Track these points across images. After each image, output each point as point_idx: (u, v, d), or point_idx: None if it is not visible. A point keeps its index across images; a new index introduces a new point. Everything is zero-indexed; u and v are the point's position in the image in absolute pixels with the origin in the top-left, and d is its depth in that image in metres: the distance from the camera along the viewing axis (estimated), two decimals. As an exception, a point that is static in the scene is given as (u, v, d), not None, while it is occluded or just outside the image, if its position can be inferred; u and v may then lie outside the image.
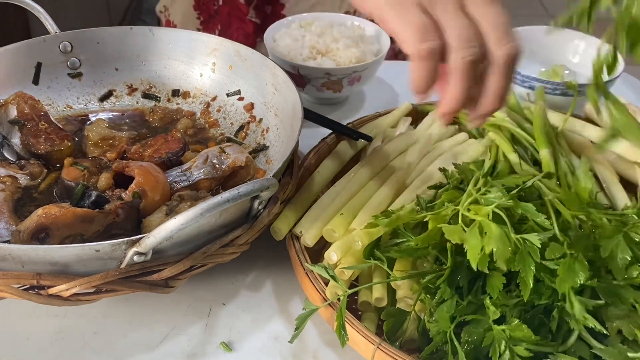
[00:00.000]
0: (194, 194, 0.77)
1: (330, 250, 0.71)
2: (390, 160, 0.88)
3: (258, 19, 1.29)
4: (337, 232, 0.73)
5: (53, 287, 0.63)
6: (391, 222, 0.69)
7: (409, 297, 0.68)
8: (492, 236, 0.60)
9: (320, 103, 1.14)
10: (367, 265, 0.70)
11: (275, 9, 1.25)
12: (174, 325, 0.74)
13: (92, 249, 0.61)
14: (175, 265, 0.66)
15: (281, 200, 0.76)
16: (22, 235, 0.68)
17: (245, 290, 0.79)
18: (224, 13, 1.30)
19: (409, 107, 1.00)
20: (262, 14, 1.28)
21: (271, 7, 1.25)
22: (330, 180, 0.87)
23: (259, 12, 1.28)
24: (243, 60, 0.96)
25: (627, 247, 0.61)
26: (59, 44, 0.96)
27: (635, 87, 1.22)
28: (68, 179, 0.78)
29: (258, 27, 1.30)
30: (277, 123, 0.91)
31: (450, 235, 0.62)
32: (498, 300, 0.61)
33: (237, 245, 0.71)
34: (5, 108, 0.87)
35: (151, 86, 1.01)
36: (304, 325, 0.67)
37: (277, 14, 1.27)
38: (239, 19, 1.30)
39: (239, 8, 1.29)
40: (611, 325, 0.62)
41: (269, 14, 1.27)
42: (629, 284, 0.61)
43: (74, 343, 0.72)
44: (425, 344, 0.65)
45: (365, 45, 1.11)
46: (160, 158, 0.83)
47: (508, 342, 0.59)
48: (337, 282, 0.67)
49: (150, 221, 0.73)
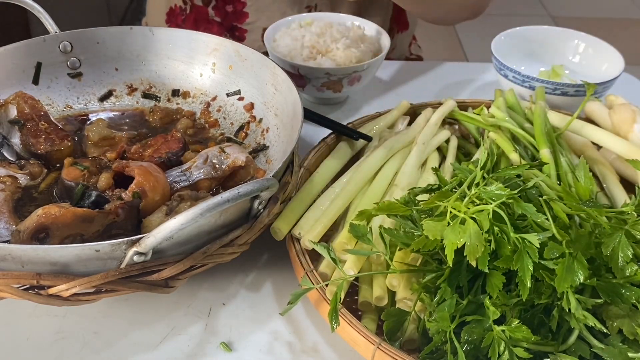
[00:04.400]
0: (194, 194, 0.77)
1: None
2: (387, 159, 0.88)
3: (218, 17, 1.32)
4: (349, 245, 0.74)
5: (53, 287, 0.63)
6: (382, 209, 0.69)
7: (408, 299, 0.68)
8: (467, 230, 0.60)
9: (320, 103, 1.14)
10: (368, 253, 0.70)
11: (236, 7, 1.28)
12: (174, 325, 0.74)
13: (92, 249, 0.61)
14: (175, 265, 0.66)
15: (281, 200, 0.76)
16: (22, 235, 0.68)
17: (245, 290, 0.79)
18: (191, 20, 1.35)
19: (407, 106, 1.00)
20: (222, 12, 1.32)
21: (232, 6, 1.28)
22: (330, 180, 0.87)
23: (219, 11, 1.31)
24: (243, 60, 0.96)
25: (628, 245, 0.61)
26: (59, 44, 0.96)
27: (635, 87, 1.22)
28: (68, 179, 0.78)
29: (220, 25, 1.34)
30: (277, 123, 0.91)
31: (429, 231, 0.62)
32: (498, 300, 0.61)
33: (237, 245, 0.71)
34: (5, 108, 0.87)
35: (151, 86, 1.01)
36: (297, 302, 0.67)
37: (238, 11, 1.29)
38: (205, 21, 1.34)
39: (201, 11, 1.33)
40: (611, 325, 0.62)
41: (230, 12, 1.29)
42: (630, 282, 0.61)
43: (74, 343, 0.72)
44: (425, 344, 0.65)
45: (365, 45, 1.11)
46: (160, 158, 0.83)
47: (508, 342, 0.59)
48: (337, 265, 0.68)
49: (150, 221, 0.73)
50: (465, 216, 0.62)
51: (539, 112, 0.92)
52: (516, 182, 0.69)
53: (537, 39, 1.20)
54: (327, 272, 0.74)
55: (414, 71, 1.26)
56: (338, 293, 0.66)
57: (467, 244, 0.60)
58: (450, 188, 0.70)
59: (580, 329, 0.61)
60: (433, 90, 1.20)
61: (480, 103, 1.01)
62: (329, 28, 1.12)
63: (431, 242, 0.64)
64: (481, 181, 0.67)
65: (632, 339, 0.61)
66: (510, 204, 0.64)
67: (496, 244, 0.61)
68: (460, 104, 1.01)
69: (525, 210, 0.63)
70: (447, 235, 0.61)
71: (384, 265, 0.72)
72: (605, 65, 1.14)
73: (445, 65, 1.28)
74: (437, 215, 0.66)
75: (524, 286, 0.59)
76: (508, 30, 1.19)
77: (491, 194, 0.63)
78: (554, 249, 0.60)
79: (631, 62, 1.26)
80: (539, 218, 0.63)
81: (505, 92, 1.02)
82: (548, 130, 0.89)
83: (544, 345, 0.62)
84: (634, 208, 0.65)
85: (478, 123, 0.95)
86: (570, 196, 0.67)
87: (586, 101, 0.94)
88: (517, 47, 1.18)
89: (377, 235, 0.71)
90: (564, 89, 1.05)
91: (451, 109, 0.99)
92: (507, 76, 1.10)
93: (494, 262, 0.61)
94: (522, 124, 0.93)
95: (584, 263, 0.60)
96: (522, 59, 1.17)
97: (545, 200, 0.65)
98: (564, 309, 0.60)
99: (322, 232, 0.76)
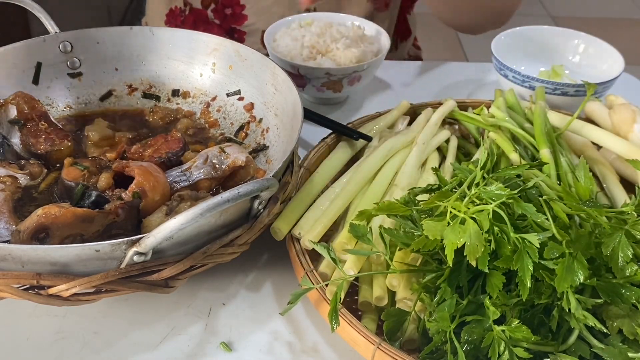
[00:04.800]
0: (194, 194, 0.77)
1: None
2: (387, 159, 0.88)
3: (217, 20, 1.33)
4: (349, 245, 0.74)
5: (53, 287, 0.63)
6: (382, 209, 0.69)
7: (408, 299, 0.68)
8: (467, 230, 0.60)
9: (320, 103, 1.14)
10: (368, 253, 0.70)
11: (235, 10, 1.29)
12: (174, 325, 0.74)
13: (92, 248, 0.61)
14: (175, 265, 0.66)
15: (281, 200, 0.76)
16: (22, 235, 0.68)
17: (245, 290, 0.79)
18: (190, 22, 1.36)
19: (407, 106, 1.00)
20: (221, 15, 1.33)
21: (231, 9, 1.29)
22: (330, 180, 0.87)
23: (218, 14, 1.32)
24: (243, 60, 0.96)
25: (628, 245, 0.61)
26: (59, 44, 0.96)
27: (635, 87, 1.22)
28: (68, 179, 0.78)
29: (219, 28, 1.35)
30: (277, 123, 0.91)
31: (429, 231, 0.62)
32: (498, 300, 0.61)
33: (237, 245, 0.71)
34: (5, 108, 0.87)
35: (151, 86, 1.01)
36: (297, 302, 0.67)
37: (237, 14, 1.30)
38: (204, 23, 1.35)
39: (201, 13, 1.35)
40: (612, 324, 0.62)
41: (229, 14, 1.30)
42: (630, 282, 0.61)
43: (74, 343, 0.72)
44: (425, 344, 0.65)
45: (365, 45, 1.11)
46: (160, 158, 0.83)
47: (508, 342, 0.59)
48: (337, 265, 0.68)
49: (150, 221, 0.73)
50: (465, 216, 0.62)
51: (539, 112, 0.92)
52: (516, 182, 0.69)
53: (537, 39, 1.20)
54: (327, 272, 0.74)
55: (414, 71, 1.26)
56: (338, 293, 0.66)
57: (467, 244, 0.60)
58: (450, 188, 0.70)
59: (580, 329, 0.61)
60: (433, 90, 1.20)
61: (480, 103, 1.01)
62: (329, 28, 1.12)
63: (431, 242, 0.64)
64: (481, 181, 0.67)
65: (632, 339, 0.61)
66: (510, 204, 0.64)
67: (496, 244, 0.61)
68: (460, 104, 1.01)
69: (525, 210, 0.63)
70: (447, 235, 0.61)
71: (384, 265, 0.72)
72: (605, 65, 1.14)
73: (445, 65, 1.28)
74: (437, 215, 0.66)
75: (524, 286, 0.59)
76: (508, 30, 1.19)
77: (491, 194, 0.63)
78: (554, 249, 0.60)
79: (631, 62, 1.26)
80: (539, 218, 0.63)
81: (505, 92, 1.02)
82: (548, 130, 0.89)
83: (544, 345, 0.62)
84: (634, 208, 0.65)
85: (478, 123, 0.95)
86: (570, 196, 0.67)
87: (586, 101, 0.94)
88: (517, 47, 1.18)
89: (377, 235, 0.71)
90: (564, 89, 1.05)
91: (451, 109, 0.99)
92: (507, 76, 1.09)
93: (494, 262, 0.61)
94: (522, 124, 0.93)
95: (584, 263, 0.60)
96: (522, 59, 1.17)
97: (545, 200, 0.65)
98: (564, 309, 0.60)
99: (322, 232, 0.76)
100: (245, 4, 1.30)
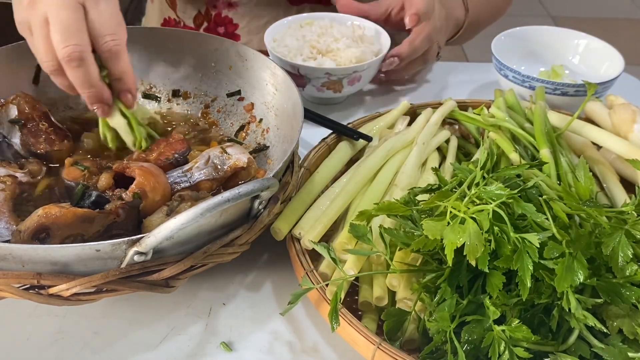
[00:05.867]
0: (194, 194, 0.77)
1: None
2: (387, 160, 0.88)
3: None
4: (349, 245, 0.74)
5: (53, 286, 0.63)
6: (382, 209, 0.69)
7: (409, 299, 0.68)
8: (467, 230, 0.60)
9: (320, 103, 1.14)
10: (368, 253, 0.70)
11: (228, 29, 1.29)
12: (174, 325, 0.74)
13: (93, 248, 0.61)
14: (176, 265, 0.66)
15: (281, 200, 0.76)
16: (23, 235, 0.68)
17: (245, 290, 0.79)
18: None
19: (407, 106, 1.00)
20: (213, 34, 1.32)
21: (224, 28, 1.29)
22: (330, 180, 0.87)
23: (210, 32, 1.32)
24: (243, 61, 0.96)
25: (628, 245, 0.61)
26: (59, 44, 0.96)
27: (635, 87, 1.22)
28: (68, 179, 0.78)
29: None
30: (277, 123, 0.91)
31: (429, 231, 0.62)
32: (498, 300, 0.62)
33: (237, 245, 0.71)
34: (6, 108, 0.87)
35: (151, 86, 1.01)
36: (297, 302, 0.68)
37: (229, 33, 1.30)
38: None
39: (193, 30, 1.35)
40: (612, 324, 0.62)
41: (222, 33, 1.31)
42: (630, 282, 0.61)
43: (74, 343, 0.72)
44: (425, 344, 0.66)
45: (365, 45, 1.11)
46: (167, 159, 0.82)
47: (508, 342, 0.59)
48: (337, 265, 0.68)
49: (150, 221, 0.73)
50: (465, 216, 0.62)
51: (539, 112, 0.92)
52: (516, 182, 0.69)
53: (537, 39, 1.20)
54: (327, 272, 0.74)
55: (414, 71, 1.26)
56: (338, 293, 0.66)
57: (467, 243, 0.60)
58: (450, 188, 0.70)
59: (580, 328, 0.61)
60: (433, 90, 1.20)
61: (480, 103, 1.01)
62: (329, 28, 1.13)
63: (431, 242, 0.64)
64: (481, 181, 0.67)
65: (632, 338, 0.61)
66: (510, 204, 0.64)
67: (496, 244, 0.61)
68: (460, 104, 1.01)
69: (525, 210, 0.63)
70: (447, 235, 0.61)
71: (384, 265, 0.72)
72: (605, 65, 1.14)
73: (445, 65, 1.28)
74: (437, 215, 0.66)
75: (524, 286, 0.59)
76: (508, 30, 1.19)
77: (491, 194, 0.63)
78: (553, 249, 0.60)
79: (631, 62, 1.25)
80: (539, 218, 0.63)
81: (505, 92, 1.02)
82: (548, 130, 0.89)
83: (544, 345, 0.62)
84: (634, 208, 0.65)
85: (478, 123, 0.95)
86: (570, 196, 0.67)
87: (587, 101, 0.94)
88: (517, 47, 1.18)
89: (377, 235, 0.71)
90: (564, 89, 1.05)
91: (451, 109, 0.99)
92: (507, 76, 1.10)
93: (494, 262, 0.61)
94: (522, 124, 0.93)
95: (584, 263, 0.60)
96: (522, 59, 1.17)
97: (545, 200, 0.65)
98: (564, 309, 0.60)
99: (322, 232, 0.76)
100: (238, 23, 1.30)
